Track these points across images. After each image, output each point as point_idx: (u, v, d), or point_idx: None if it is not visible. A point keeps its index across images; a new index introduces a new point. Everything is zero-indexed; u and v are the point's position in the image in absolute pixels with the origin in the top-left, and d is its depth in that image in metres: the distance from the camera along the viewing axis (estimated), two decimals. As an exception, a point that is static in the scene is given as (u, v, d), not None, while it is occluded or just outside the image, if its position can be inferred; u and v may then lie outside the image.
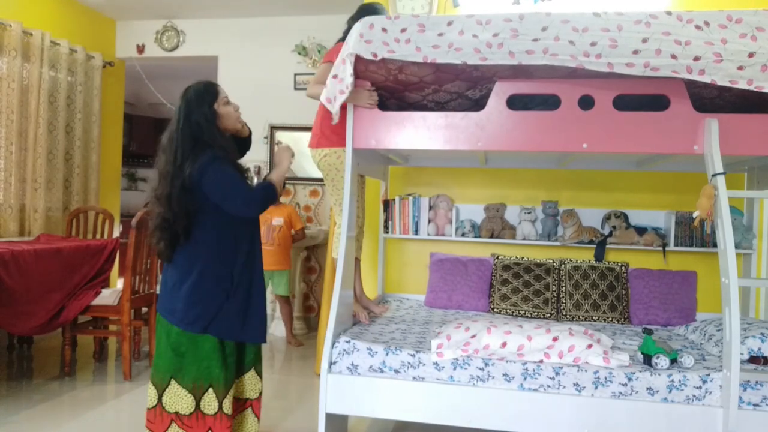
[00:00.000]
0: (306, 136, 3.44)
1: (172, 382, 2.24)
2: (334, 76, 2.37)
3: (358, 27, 2.31)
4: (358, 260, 3.22)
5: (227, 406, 2.27)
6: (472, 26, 2.22)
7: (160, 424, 2.26)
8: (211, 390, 2.24)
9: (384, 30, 2.28)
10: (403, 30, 2.26)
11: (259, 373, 2.46)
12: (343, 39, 2.96)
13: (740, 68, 2.10)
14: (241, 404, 2.43)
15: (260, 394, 2.46)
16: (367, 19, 2.31)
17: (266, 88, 5.45)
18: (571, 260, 3.38)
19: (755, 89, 2.12)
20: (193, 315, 2.21)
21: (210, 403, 2.25)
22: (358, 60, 2.34)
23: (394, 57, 2.29)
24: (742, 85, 2.12)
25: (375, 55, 2.30)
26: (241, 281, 2.30)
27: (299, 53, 5.37)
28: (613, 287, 3.24)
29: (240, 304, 2.29)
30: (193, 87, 2.27)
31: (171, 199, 2.16)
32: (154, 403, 2.26)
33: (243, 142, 2.48)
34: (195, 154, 2.18)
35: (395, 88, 2.61)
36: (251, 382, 2.43)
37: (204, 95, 2.26)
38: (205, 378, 2.24)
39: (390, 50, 2.29)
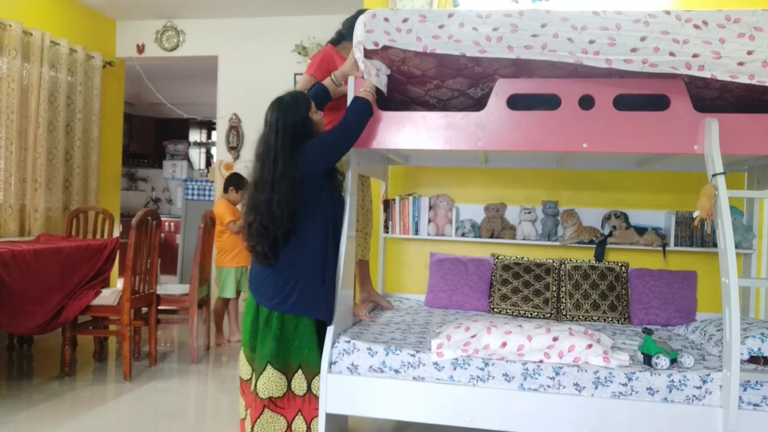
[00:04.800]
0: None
1: (268, 367, 2.33)
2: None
3: (362, 18, 2.34)
4: (366, 262, 3.26)
5: (316, 387, 2.37)
6: (472, 19, 2.23)
7: (254, 410, 2.35)
8: (300, 371, 2.35)
9: (386, 20, 2.32)
10: (405, 20, 2.30)
11: None
12: (333, 41, 3.03)
13: (740, 64, 2.10)
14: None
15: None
16: (370, 10, 2.35)
17: (266, 88, 5.44)
18: (571, 260, 3.38)
19: (757, 83, 2.12)
20: (294, 297, 2.33)
21: (300, 384, 2.35)
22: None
23: (395, 45, 2.31)
24: (743, 79, 2.12)
25: (376, 44, 2.34)
26: (332, 268, 2.43)
27: (299, 53, 5.38)
28: (613, 287, 3.24)
29: (332, 289, 2.43)
30: (285, 97, 2.37)
31: (271, 205, 2.25)
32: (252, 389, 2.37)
33: None
34: (295, 154, 2.29)
35: (398, 79, 2.62)
36: None
37: (298, 103, 2.36)
38: (292, 359, 2.35)
39: (391, 39, 2.32)
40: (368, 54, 2.41)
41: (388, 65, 2.50)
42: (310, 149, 2.32)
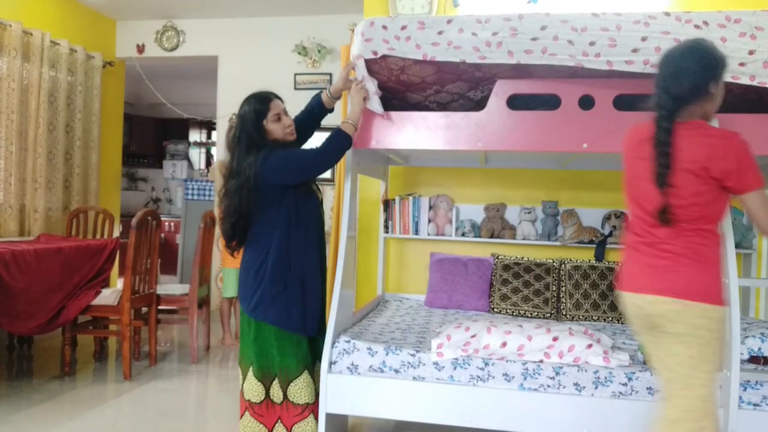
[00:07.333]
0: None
1: (249, 371, 2.34)
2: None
3: (359, 26, 2.34)
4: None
5: (292, 393, 2.31)
6: (471, 25, 2.22)
7: (241, 408, 2.39)
8: (276, 379, 2.32)
9: (384, 27, 2.30)
10: (403, 27, 2.28)
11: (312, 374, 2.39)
12: None
13: (741, 64, 2.10)
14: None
15: (316, 397, 2.37)
16: (369, 18, 2.35)
17: (266, 88, 5.42)
18: (571, 260, 3.38)
19: (758, 84, 2.12)
20: (254, 303, 2.31)
21: (276, 392, 2.32)
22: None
23: (394, 54, 2.30)
24: (745, 80, 2.12)
25: (375, 53, 2.32)
26: (298, 273, 2.32)
27: (299, 53, 5.37)
28: (613, 287, 3.24)
29: (294, 295, 2.31)
30: (247, 101, 2.35)
31: (222, 203, 2.34)
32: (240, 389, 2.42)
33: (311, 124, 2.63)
34: (252, 155, 2.25)
35: (397, 89, 2.62)
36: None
37: (255, 111, 2.31)
38: (269, 366, 2.32)
39: (390, 48, 2.30)
40: (367, 63, 2.38)
41: (386, 74, 2.48)
42: (276, 160, 2.24)
